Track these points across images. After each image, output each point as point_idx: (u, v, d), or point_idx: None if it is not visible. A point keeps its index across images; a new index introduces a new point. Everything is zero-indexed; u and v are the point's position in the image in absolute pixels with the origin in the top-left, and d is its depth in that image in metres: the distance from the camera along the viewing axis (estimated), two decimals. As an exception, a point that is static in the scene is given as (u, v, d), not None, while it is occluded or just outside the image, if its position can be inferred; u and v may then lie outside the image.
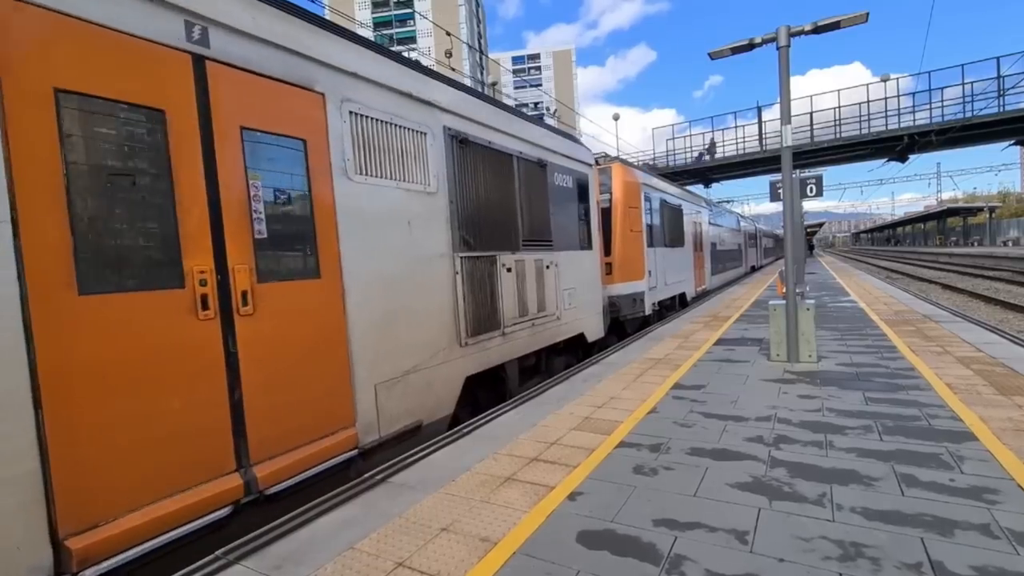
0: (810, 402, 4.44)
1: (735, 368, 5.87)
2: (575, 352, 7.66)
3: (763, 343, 7.21)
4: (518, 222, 5.87)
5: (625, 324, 9.90)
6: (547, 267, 6.46)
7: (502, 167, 5.64)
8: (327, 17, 4.38)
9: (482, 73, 71.15)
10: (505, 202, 5.66)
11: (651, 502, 2.83)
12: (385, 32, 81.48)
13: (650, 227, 10.80)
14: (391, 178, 4.09)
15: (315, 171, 3.45)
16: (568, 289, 7.02)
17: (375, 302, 3.87)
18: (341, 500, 3.05)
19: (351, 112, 3.76)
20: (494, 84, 29.06)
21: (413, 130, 4.32)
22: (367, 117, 3.89)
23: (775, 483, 2.96)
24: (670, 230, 12.39)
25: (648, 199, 10.82)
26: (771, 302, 6.31)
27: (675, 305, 12.83)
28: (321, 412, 3.43)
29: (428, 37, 78.83)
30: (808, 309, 5.91)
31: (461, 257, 4.83)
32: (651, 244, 10.77)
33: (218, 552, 2.55)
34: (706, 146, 33.50)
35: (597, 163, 9.94)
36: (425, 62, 5.70)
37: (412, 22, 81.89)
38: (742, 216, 30.44)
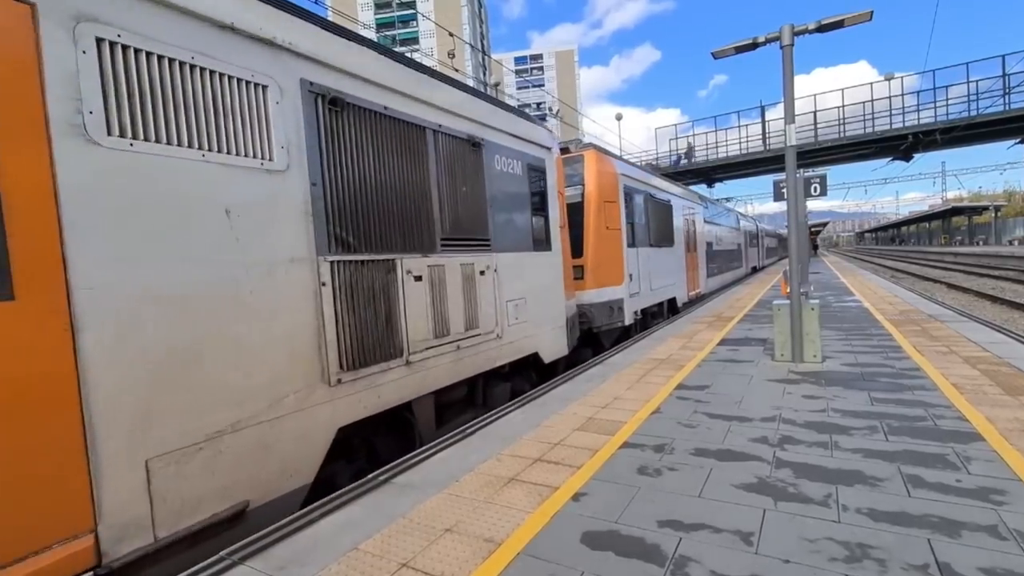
0: (815, 402, 4.42)
1: (739, 368, 5.85)
2: (527, 375, 6.39)
3: (767, 343, 7.19)
4: (434, 215, 4.59)
5: (600, 336, 8.69)
6: (481, 273, 5.18)
7: (409, 142, 4.38)
8: (329, 18, 4.20)
9: (485, 73, 71.24)
10: (413, 189, 4.38)
11: (655, 503, 2.82)
12: (388, 33, 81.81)
13: (632, 224, 9.66)
14: (192, 146, 2.82)
15: (9, 126, 2.20)
16: (514, 300, 5.73)
17: (150, 333, 2.58)
18: (344, 501, 3.05)
19: (101, 40, 2.48)
20: (497, 84, 29.04)
21: (240, 79, 3.09)
22: (140, 51, 2.62)
23: (780, 484, 2.95)
24: (657, 228, 11.16)
25: (629, 192, 9.64)
26: (775, 302, 6.29)
27: (663, 312, 11.67)
28: (10, 519, 2.14)
29: (431, 38, 79.16)
30: (812, 309, 5.89)
31: (333, 262, 3.58)
32: (633, 244, 9.60)
33: (222, 553, 2.56)
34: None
35: (567, 149, 8.85)
36: (428, 63, 5.40)
37: (415, 23, 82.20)
38: (742, 214, 30.17)
